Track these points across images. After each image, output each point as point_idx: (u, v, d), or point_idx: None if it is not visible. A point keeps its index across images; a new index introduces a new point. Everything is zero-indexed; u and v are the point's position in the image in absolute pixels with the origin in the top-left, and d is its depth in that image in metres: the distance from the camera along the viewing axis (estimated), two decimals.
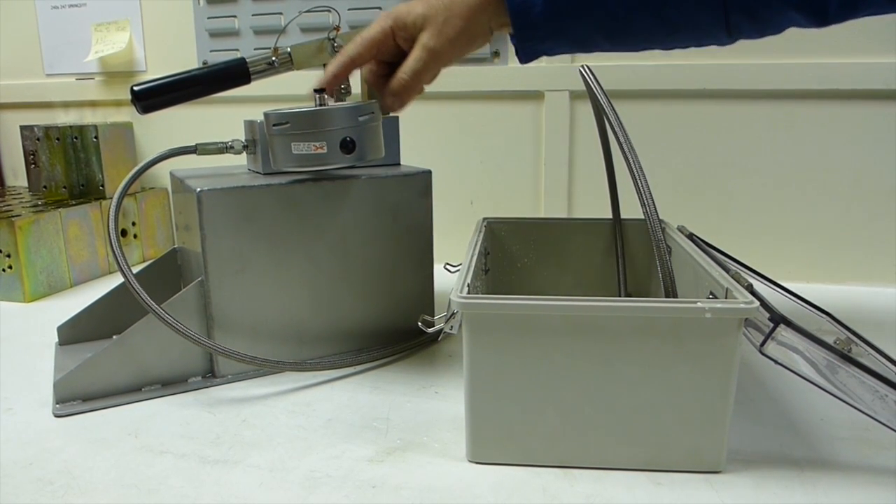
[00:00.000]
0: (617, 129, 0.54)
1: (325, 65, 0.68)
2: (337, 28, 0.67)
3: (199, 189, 0.60)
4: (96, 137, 1.03)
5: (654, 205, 0.52)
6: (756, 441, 0.52)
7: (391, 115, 0.73)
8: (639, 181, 0.52)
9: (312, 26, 1.02)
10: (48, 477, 0.48)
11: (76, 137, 1.04)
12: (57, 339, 0.72)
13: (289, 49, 0.66)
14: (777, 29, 0.57)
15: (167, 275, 0.75)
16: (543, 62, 0.97)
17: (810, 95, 0.90)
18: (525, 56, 0.61)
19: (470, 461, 0.50)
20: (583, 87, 0.60)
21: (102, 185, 1.05)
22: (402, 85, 0.58)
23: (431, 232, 0.73)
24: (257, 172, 0.68)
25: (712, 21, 0.56)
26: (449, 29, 0.56)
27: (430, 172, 0.71)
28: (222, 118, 1.01)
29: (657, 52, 0.61)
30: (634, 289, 0.74)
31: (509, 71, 0.99)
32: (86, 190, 1.06)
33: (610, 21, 0.57)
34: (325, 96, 0.62)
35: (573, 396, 0.47)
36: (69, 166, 1.06)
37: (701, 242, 0.64)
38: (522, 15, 0.56)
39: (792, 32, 0.56)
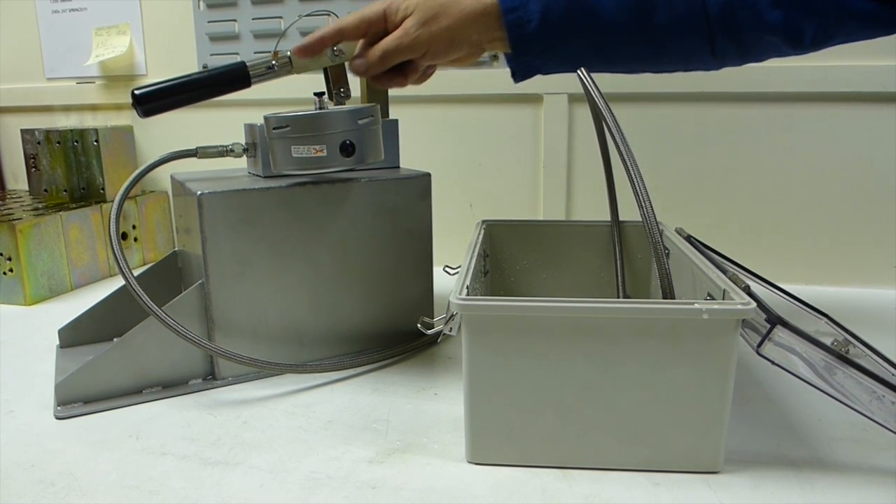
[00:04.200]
0: (615, 132, 0.54)
1: (324, 68, 0.68)
2: None
3: (199, 192, 0.60)
4: (97, 141, 1.04)
5: (651, 207, 0.52)
6: (754, 441, 0.52)
7: (390, 118, 0.73)
8: (637, 184, 0.52)
9: (312, 30, 1.02)
10: (50, 479, 0.48)
11: (77, 141, 1.05)
12: (58, 342, 0.73)
13: (289, 53, 0.66)
14: (759, 56, 0.59)
15: (168, 277, 0.75)
16: None
17: (808, 98, 0.91)
18: (520, 72, 0.62)
19: (469, 462, 0.50)
20: (581, 90, 0.61)
21: (103, 189, 1.05)
22: (373, 55, 0.60)
23: (431, 234, 0.73)
24: (257, 175, 0.69)
25: (699, 44, 0.57)
26: (434, 24, 0.58)
27: (429, 175, 0.72)
28: (223, 122, 1.01)
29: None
30: (633, 290, 0.75)
31: (508, 74, 0.99)
32: (86, 193, 1.06)
33: (601, 40, 0.58)
34: (325, 100, 0.63)
35: (572, 397, 0.47)
36: (70, 170, 1.06)
37: (699, 244, 0.64)
38: (518, 29, 0.57)
39: None
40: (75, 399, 0.59)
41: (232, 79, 0.65)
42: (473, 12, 0.57)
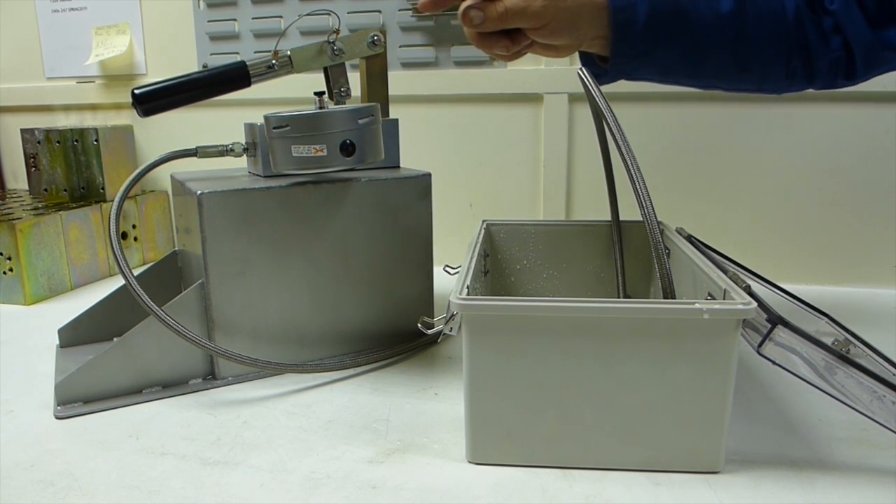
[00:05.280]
0: (615, 132, 0.54)
1: (324, 68, 0.68)
2: (336, 31, 0.67)
3: (199, 192, 0.60)
4: (97, 140, 1.04)
5: (652, 207, 0.52)
6: (754, 441, 0.52)
7: (391, 118, 0.73)
8: (637, 183, 0.52)
9: (312, 30, 1.03)
10: (49, 478, 0.48)
11: (77, 140, 1.04)
12: (58, 342, 0.72)
13: (289, 52, 0.66)
14: (821, 81, 0.63)
15: (167, 277, 0.75)
16: (542, 64, 0.97)
17: (808, 97, 0.90)
18: (611, 75, 0.63)
19: (469, 462, 0.50)
20: (581, 89, 0.61)
21: (103, 188, 1.05)
22: (495, 10, 0.58)
23: (431, 234, 0.73)
24: (257, 175, 0.68)
25: (777, 63, 0.61)
26: (561, 0, 0.57)
27: (429, 175, 0.71)
28: (223, 121, 1.01)
29: None
30: (633, 290, 0.75)
31: (508, 74, 0.99)
32: (86, 193, 1.06)
33: (695, 51, 0.61)
34: (326, 99, 0.63)
35: (572, 397, 0.47)
36: (70, 169, 1.06)
37: (699, 244, 0.64)
38: (623, 30, 0.59)
39: None
40: (75, 399, 0.59)
41: (232, 78, 0.65)
42: (591, 2, 0.58)
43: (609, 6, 0.58)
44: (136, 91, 0.63)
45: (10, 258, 0.88)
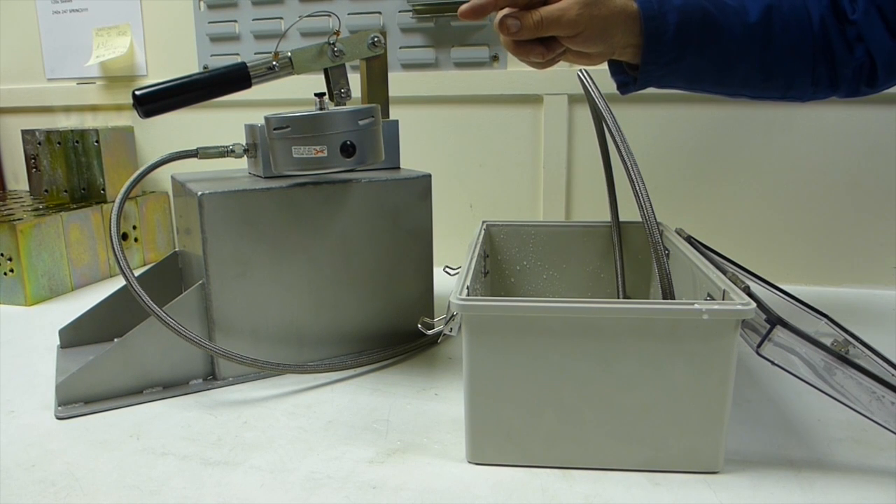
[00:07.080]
0: (615, 133, 0.54)
1: (325, 69, 0.68)
2: (337, 32, 0.67)
3: (200, 193, 0.60)
4: (97, 141, 1.04)
5: (651, 208, 0.52)
6: (753, 442, 0.53)
7: (392, 119, 0.74)
8: (637, 184, 0.53)
9: (312, 31, 1.03)
10: (50, 478, 0.49)
11: (77, 141, 1.05)
12: (58, 342, 0.73)
13: (289, 53, 0.66)
14: (844, 89, 0.64)
15: (168, 278, 0.76)
16: None
17: None
18: (641, 82, 0.64)
19: (469, 462, 0.50)
20: (581, 90, 0.61)
21: (103, 189, 1.05)
22: (531, 19, 0.59)
23: (431, 235, 0.73)
24: (258, 176, 0.69)
25: (803, 72, 0.63)
26: (595, 9, 0.58)
27: (429, 176, 0.72)
28: (223, 122, 1.01)
29: None
30: (633, 291, 0.75)
31: (508, 75, 0.99)
32: (87, 194, 1.06)
33: (722, 60, 0.62)
34: (326, 100, 0.63)
35: (572, 397, 0.47)
36: (70, 170, 1.06)
37: (699, 245, 0.64)
38: (654, 39, 0.60)
39: None
40: (76, 399, 0.60)
41: (232, 79, 0.66)
42: (623, 11, 0.59)
43: (640, 15, 0.59)
44: (137, 92, 0.63)
45: (10, 259, 0.88)
